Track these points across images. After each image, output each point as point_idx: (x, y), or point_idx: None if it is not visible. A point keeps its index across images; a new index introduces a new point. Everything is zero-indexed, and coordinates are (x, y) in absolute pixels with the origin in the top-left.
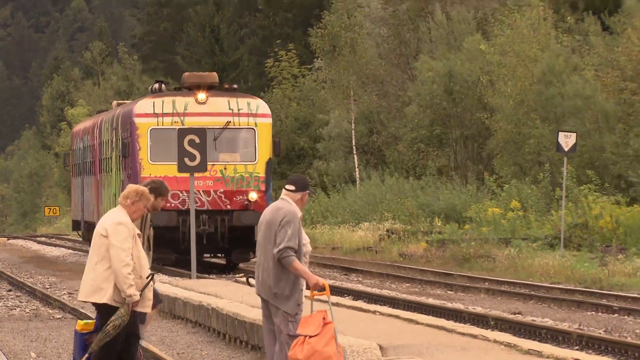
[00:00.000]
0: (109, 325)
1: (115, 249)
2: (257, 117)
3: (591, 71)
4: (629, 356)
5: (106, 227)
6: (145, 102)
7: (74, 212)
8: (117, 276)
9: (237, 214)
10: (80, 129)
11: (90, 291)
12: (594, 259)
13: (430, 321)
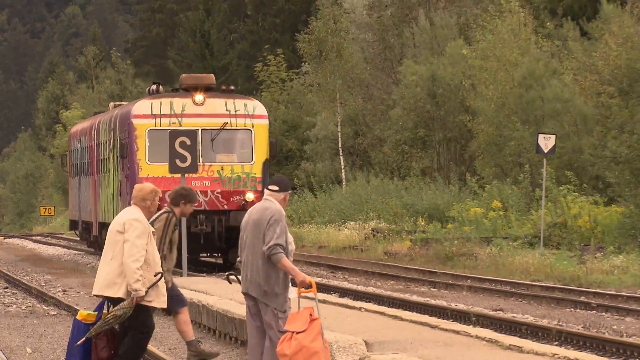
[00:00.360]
0: (110, 314)
1: (128, 243)
2: (254, 118)
3: (570, 75)
4: (607, 351)
5: (123, 223)
6: (143, 103)
7: (71, 212)
8: (126, 270)
9: (234, 214)
10: (78, 130)
11: (104, 285)
12: (573, 257)
13: (414, 317)
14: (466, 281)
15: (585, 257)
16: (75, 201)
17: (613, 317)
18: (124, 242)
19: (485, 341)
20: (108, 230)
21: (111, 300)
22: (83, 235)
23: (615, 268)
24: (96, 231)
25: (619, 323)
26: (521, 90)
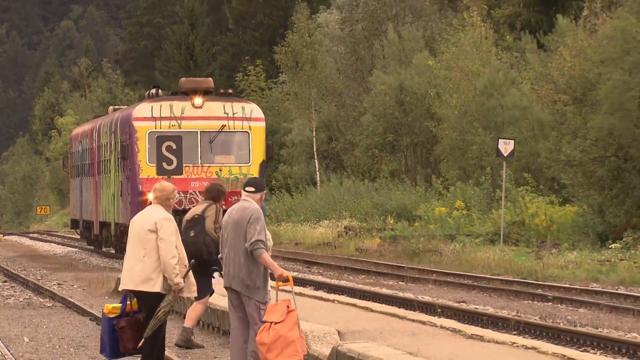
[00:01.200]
0: (160, 311)
1: (164, 242)
2: (251, 120)
3: (528, 84)
4: (562, 340)
5: (154, 222)
6: (143, 106)
7: (72, 212)
8: (166, 266)
9: None
10: (79, 132)
11: (139, 281)
12: (530, 253)
13: (383, 309)
14: (431, 275)
15: (542, 253)
16: (76, 201)
17: (567, 308)
18: (158, 240)
19: (449, 331)
20: (133, 229)
21: (146, 294)
22: (84, 234)
23: (570, 263)
24: (97, 230)
25: (572, 314)
26: (482, 99)
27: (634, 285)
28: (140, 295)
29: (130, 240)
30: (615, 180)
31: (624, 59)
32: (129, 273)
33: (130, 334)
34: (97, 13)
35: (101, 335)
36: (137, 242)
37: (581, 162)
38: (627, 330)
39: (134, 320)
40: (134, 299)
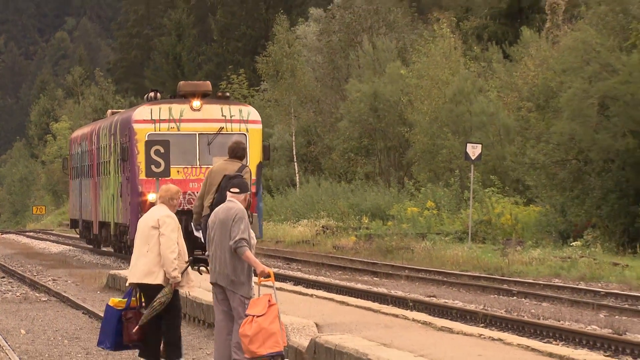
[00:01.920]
0: (156, 302)
1: (165, 237)
2: (248, 123)
3: (494, 92)
4: (526, 332)
5: (157, 219)
6: (143, 109)
7: (71, 212)
8: (165, 260)
9: None
10: (78, 135)
11: (143, 275)
12: (496, 250)
13: (359, 303)
14: (404, 271)
15: (507, 250)
16: (75, 201)
17: (531, 302)
18: (159, 236)
19: (420, 323)
20: (139, 228)
21: (148, 286)
22: (83, 233)
23: (533, 260)
24: (96, 230)
25: (536, 307)
26: (452, 105)
27: (593, 281)
28: (143, 287)
29: (136, 237)
30: (576, 182)
31: (584, 68)
32: (134, 267)
33: (133, 327)
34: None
35: (102, 328)
36: (142, 239)
37: (544, 165)
38: (587, 322)
39: (139, 314)
40: (139, 293)
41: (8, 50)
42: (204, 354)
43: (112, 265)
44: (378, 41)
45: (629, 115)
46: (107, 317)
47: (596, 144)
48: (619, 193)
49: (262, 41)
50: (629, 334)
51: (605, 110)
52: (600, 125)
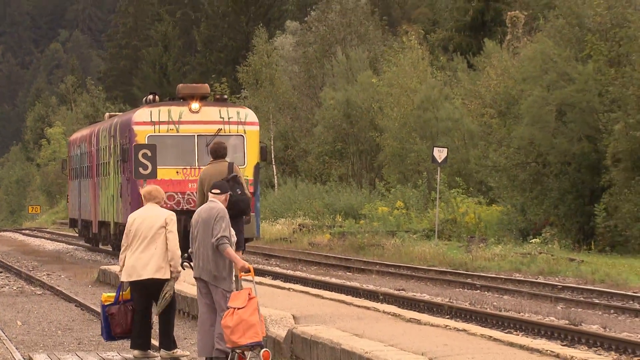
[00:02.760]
0: (167, 294)
1: (173, 234)
2: (246, 125)
3: (459, 100)
4: (489, 323)
5: (164, 219)
6: (143, 111)
7: (71, 211)
8: (174, 256)
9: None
10: (77, 137)
11: (154, 270)
12: (461, 247)
13: (333, 296)
14: (375, 267)
15: (471, 247)
16: (75, 201)
17: (493, 295)
18: (167, 233)
19: (390, 315)
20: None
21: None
22: (82, 232)
23: (495, 256)
24: (96, 229)
25: (498, 300)
26: (419, 112)
27: (551, 275)
28: (154, 282)
29: (137, 235)
30: (535, 183)
31: (543, 77)
32: (141, 264)
33: (118, 321)
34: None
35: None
36: (147, 238)
37: (505, 168)
38: (546, 314)
39: (123, 309)
40: (127, 289)
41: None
42: (189, 344)
43: (102, 261)
44: (351, 52)
45: (584, 121)
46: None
47: (554, 148)
48: (575, 194)
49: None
50: (584, 325)
51: (562, 116)
52: (557, 130)
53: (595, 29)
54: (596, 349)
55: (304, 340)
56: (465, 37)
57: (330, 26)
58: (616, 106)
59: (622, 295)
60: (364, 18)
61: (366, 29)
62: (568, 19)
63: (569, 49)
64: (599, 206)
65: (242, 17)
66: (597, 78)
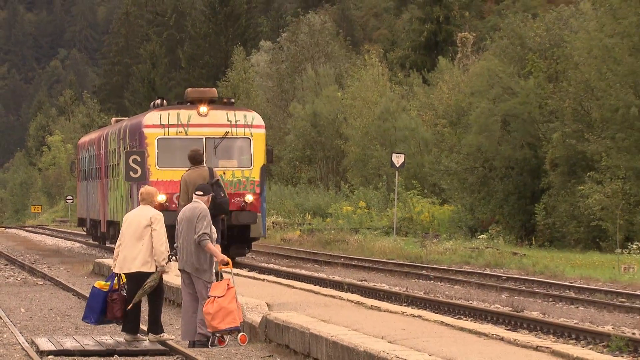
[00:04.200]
0: (147, 285)
1: (157, 232)
2: (253, 128)
3: (415, 111)
4: (441, 310)
5: (150, 218)
6: (153, 114)
7: (79, 211)
8: (157, 252)
9: (235, 214)
10: (86, 141)
11: (141, 264)
12: (417, 242)
13: (303, 286)
14: (340, 260)
15: (425, 242)
16: (83, 202)
17: (445, 285)
18: (152, 231)
19: (353, 303)
20: (131, 225)
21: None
22: (90, 231)
23: (447, 250)
24: (104, 228)
25: (449, 289)
26: (380, 122)
27: (496, 267)
28: (140, 275)
29: (128, 233)
30: (482, 185)
31: (489, 91)
32: (128, 258)
33: (119, 305)
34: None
35: (88, 305)
36: (135, 235)
37: (456, 172)
38: (492, 302)
39: (122, 296)
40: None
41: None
42: (174, 329)
43: (97, 255)
44: (318, 69)
45: (526, 130)
46: (93, 297)
47: (499, 154)
48: (518, 195)
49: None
50: (526, 312)
51: (506, 126)
52: (502, 138)
53: (536, 48)
54: (536, 333)
55: (277, 325)
56: (420, 55)
57: (300, 46)
58: (554, 117)
59: (559, 285)
60: (330, 38)
61: (332, 48)
62: (512, 39)
63: (512, 66)
64: (539, 206)
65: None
66: (537, 92)
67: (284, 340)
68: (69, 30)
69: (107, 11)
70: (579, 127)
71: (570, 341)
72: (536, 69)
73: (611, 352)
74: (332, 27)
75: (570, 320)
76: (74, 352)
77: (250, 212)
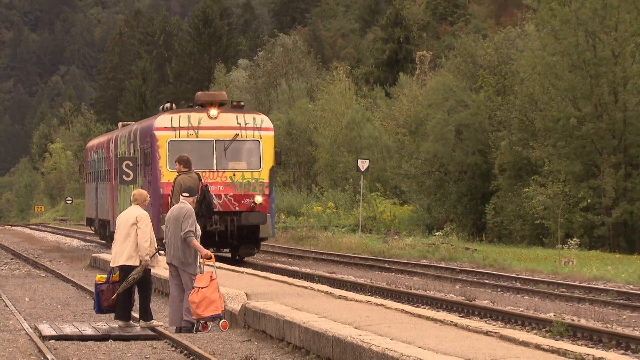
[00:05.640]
0: (130, 277)
1: (141, 230)
2: (262, 130)
3: (378, 121)
4: (401, 299)
5: (135, 217)
6: (164, 117)
7: (88, 211)
8: (141, 248)
9: (244, 214)
10: (95, 144)
11: (126, 258)
12: (380, 238)
13: (278, 278)
14: (311, 254)
15: (388, 239)
16: (92, 202)
17: (405, 277)
18: (137, 230)
19: (323, 293)
20: (121, 223)
21: (129, 267)
22: (98, 230)
23: (407, 245)
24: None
25: (409, 281)
26: (347, 131)
27: (451, 261)
28: (125, 268)
29: (118, 231)
30: (438, 188)
31: (444, 103)
32: (117, 253)
33: (106, 296)
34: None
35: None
36: (124, 232)
37: (415, 176)
38: (447, 292)
39: (111, 287)
40: (117, 272)
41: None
42: (162, 316)
43: (94, 250)
44: (292, 83)
45: (477, 139)
46: (95, 289)
47: (453, 159)
48: (470, 196)
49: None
50: (477, 300)
51: (459, 134)
52: (456, 146)
53: (486, 65)
54: (486, 319)
55: (255, 313)
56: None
57: (275, 63)
58: (502, 127)
59: (507, 277)
60: (302, 56)
61: (304, 65)
62: (464, 57)
63: (464, 81)
64: (489, 206)
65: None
66: (487, 104)
67: (261, 326)
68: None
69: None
70: (524, 135)
71: (517, 327)
72: (486, 84)
73: (553, 336)
74: (304, 46)
75: (517, 308)
76: (73, 337)
77: (259, 212)
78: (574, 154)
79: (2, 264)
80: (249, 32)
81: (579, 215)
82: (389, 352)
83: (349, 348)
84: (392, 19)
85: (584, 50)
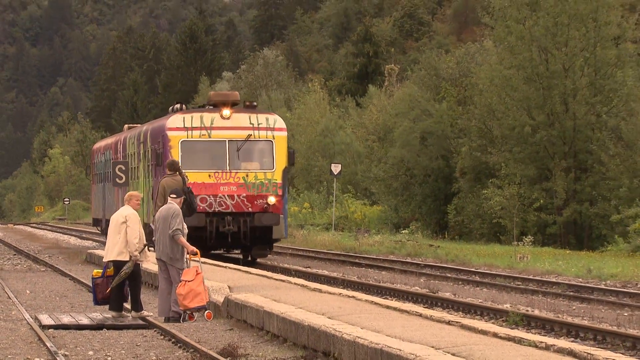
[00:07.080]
0: (122, 272)
1: (130, 228)
2: (275, 130)
3: (349, 129)
4: (371, 291)
5: (125, 216)
6: (176, 117)
7: (94, 212)
8: (130, 244)
9: (257, 215)
10: (101, 146)
11: (116, 254)
12: (351, 236)
13: (258, 272)
14: (288, 251)
15: (358, 236)
16: (98, 203)
17: (375, 271)
18: (127, 228)
19: (299, 286)
20: (112, 222)
21: (120, 262)
22: (105, 230)
23: (376, 242)
24: None
25: (378, 275)
26: (321, 138)
27: (416, 256)
28: (116, 263)
29: (110, 229)
30: (404, 190)
31: (410, 113)
32: (108, 249)
33: (101, 289)
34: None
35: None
36: (115, 230)
37: (383, 179)
38: (412, 285)
39: (105, 281)
40: (111, 267)
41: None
42: (152, 307)
43: (89, 247)
44: (271, 94)
45: (440, 145)
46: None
47: (418, 164)
48: (434, 197)
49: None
50: (440, 293)
51: (424, 141)
52: (421, 151)
53: (448, 77)
54: (449, 310)
55: (237, 304)
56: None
57: (256, 75)
58: (463, 134)
59: (467, 271)
60: (280, 69)
61: (282, 77)
62: (428, 70)
63: (428, 93)
64: (451, 206)
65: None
66: (449, 113)
67: (243, 317)
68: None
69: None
70: (483, 142)
71: (476, 317)
72: (448, 95)
73: (509, 325)
74: (282, 60)
75: (476, 300)
76: (70, 326)
77: (272, 213)
78: (529, 159)
79: (5, 259)
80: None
81: (532, 214)
82: (359, 340)
83: (323, 336)
84: (362, 35)
85: (538, 64)
